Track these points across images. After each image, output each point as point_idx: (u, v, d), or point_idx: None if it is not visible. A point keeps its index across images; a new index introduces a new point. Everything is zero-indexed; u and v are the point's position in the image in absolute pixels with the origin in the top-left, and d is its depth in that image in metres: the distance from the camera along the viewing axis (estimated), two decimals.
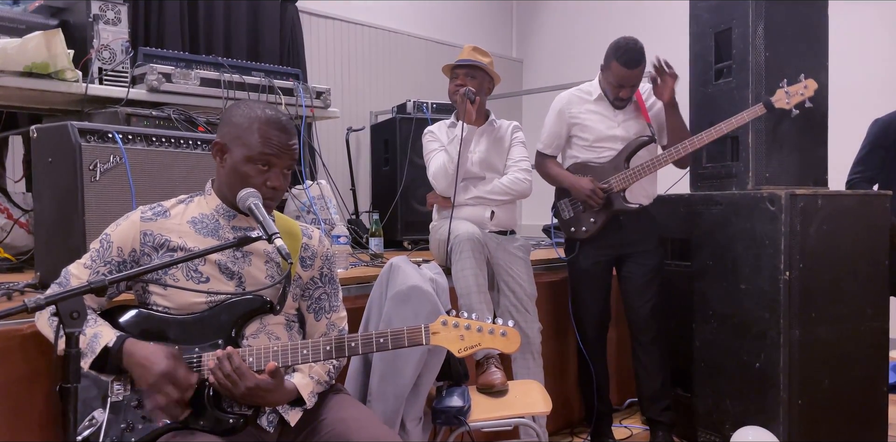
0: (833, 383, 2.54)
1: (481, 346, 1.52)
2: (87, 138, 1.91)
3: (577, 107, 2.80)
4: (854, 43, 4.21)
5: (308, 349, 1.52)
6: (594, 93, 2.79)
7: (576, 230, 2.80)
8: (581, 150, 2.81)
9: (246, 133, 1.53)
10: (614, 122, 2.76)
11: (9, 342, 1.68)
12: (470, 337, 1.52)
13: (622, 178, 2.68)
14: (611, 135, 2.75)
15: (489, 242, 2.65)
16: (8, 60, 2.27)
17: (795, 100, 2.52)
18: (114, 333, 1.47)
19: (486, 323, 1.52)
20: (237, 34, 4.13)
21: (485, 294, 2.44)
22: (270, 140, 1.52)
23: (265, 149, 1.52)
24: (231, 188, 1.56)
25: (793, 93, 2.52)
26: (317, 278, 1.70)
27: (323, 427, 1.56)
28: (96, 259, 1.55)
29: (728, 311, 2.69)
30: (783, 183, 2.68)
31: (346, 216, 3.88)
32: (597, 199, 2.67)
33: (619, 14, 5.57)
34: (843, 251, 2.56)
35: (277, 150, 1.53)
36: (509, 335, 1.52)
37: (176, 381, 1.42)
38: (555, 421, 3.07)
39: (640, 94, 2.78)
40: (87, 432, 1.44)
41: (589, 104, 2.79)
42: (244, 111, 1.57)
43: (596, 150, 2.77)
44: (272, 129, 1.53)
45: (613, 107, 2.77)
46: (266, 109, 1.57)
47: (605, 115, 2.77)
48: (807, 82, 2.52)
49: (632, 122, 2.76)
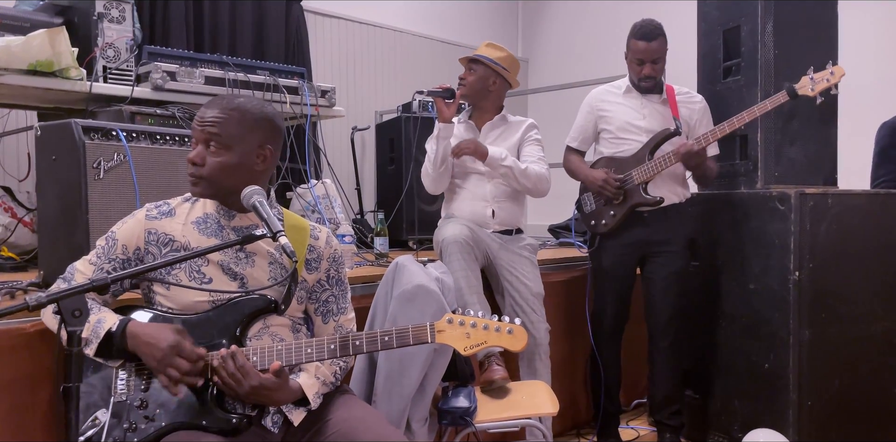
0: (843, 384, 2.51)
1: (487, 343, 1.49)
2: (90, 136, 1.90)
3: (605, 100, 2.77)
4: (864, 41, 4.17)
5: (312, 348, 1.50)
6: (623, 86, 2.77)
7: (596, 224, 2.76)
8: (607, 144, 2.77)
9: None
10: (640, 113, 2.71)
11: (12, 341, 1.67)
12: (476, 335, 1.49)
13: (643, 171, 2.61)
14: (635, 125, 2.70)
15: (491, 242, 2.62)
16: (12, 58, 2.26)
17: (821, 86, 2.40)
18: (117, 317, 1.47)
19: (492, 321, 1.50)
20: (242, 33, 4.12)
21: (478, 294, 2.42)
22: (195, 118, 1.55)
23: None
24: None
25: (818, 79, 2.40)
26: (323, 281, 1.67)
27: (328, 427, 1.54)
28: (101, 256, 1.55)
29: (737, 311, 2.66)
30: (793, 182, 2.65)
31: (351, 215, 3.86)
32: (609, 188, 2.62)
33: (626, 13, 5.52)
34: (854, 251, 2.53)
35: (196, 123, 1.54)
36: (515, 333, 1.49)
37: (184, 353, 1.41)
38: (561, 422, 3.05)
39: (673, 91, 2.72)
40: (90, 433, 1.43)
41: (618, 97, 2.77)
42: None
43: (620, 142, 2.72)
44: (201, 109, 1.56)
45: (640, 91, 2.71)
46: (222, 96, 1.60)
47: (630, 106, 2.73)
48: (833, 69, 2.40)
49: (658, 115, 2.70)
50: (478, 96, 2.70)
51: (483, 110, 2.75)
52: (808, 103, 2.52)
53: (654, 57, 2.62)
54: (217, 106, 1.54)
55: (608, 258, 2.76)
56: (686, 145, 2.49)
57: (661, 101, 2.71)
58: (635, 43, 2.62)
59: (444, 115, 2.57)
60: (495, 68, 2.67)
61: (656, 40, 2.60)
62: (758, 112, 2.48)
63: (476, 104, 2.76)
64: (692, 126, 2.71)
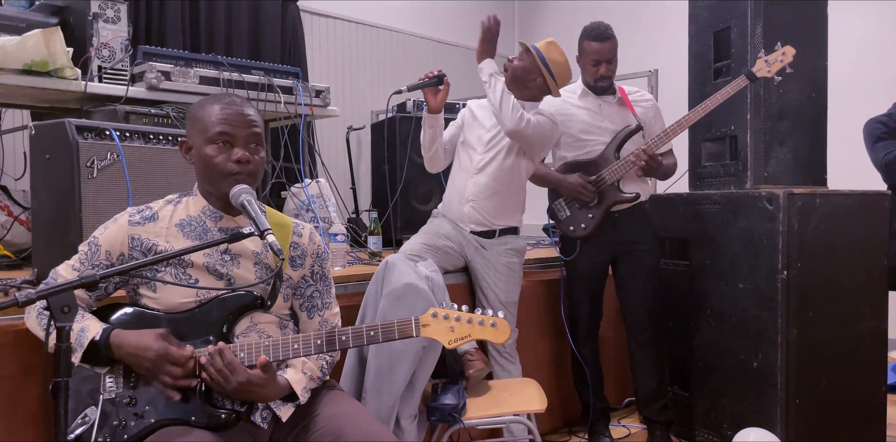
0: (831, 383, 2.54)
1: (471, 337, 1.52)
2: (84, 135, 1.92)
3: (562, 105, 2.77)
4: (854, 42, 4.20)
5: (299, 343, 1.52)
6: (578, 90, 2.80)
7: (575, 229, 2.77)
8: (569, 149, 2.79)
9: (201, 121, 1.56)
10: (600, 115, 2.76)
11: (3, 338, 1.69)
12: (460, 328, 1.52)
13: (614, 170, 2.67)
14: (597, 126, 2.74)
15: (468, 245, 2.61)
16: (7, 58, 2.28)
17: (776, 67, 2.51)
18: (100, 325, 1.47)
19: (476, 314, 1.52)
20: (238, 33, 4.14)
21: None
22: (223, 117, 1.53)
23: (219, 127, 1.53)
24: (206, 180, 1.58)
25: (772, 61, 2.51)
26: (308, 277, 1.69)
27: (316, 423, 1.57)
28: (84, 261, 1.55)
29: (726, 310, 2.68)
30: (782, 182, 2.67)
31: (346, 215, 3.88)
32: (588, 192, 2.66)
33: (620, 14, 5.54)
34: (842, 250, 2.55)
35: (232, 125, 1.53)
36: (499, 326, 1.52)
37: (172, 359, 1.43)
38: (552, 420, 3.07)
39: (625, 91, 2.78)
40: (79, 430, 1.44)
41: (574, 101, 2.80)
42: (198, 104, 1.61)
43: (583, 144, 2.76)
44: (223, 108, 1.55)
45: (596, 93, 2.76)
46: (218, 96, 1.61)
47: (589, 108, 2.77)
48: (784, 49, 2.51)
49: (616, 114, 2.75)
50: (514, 84, 2.54)
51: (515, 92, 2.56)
52: (780, 71, 2.54)
53: (608, 57, 2.68)
54: (242, 104, 1.57)
55: (582, 260, 2.79)
56: (643, 156, 2.58)
57: (616, 100, 2.77)
58: (589, 44, 2.67)
59: (431, 105, 2.50)
60: (542, 69, 2.53)
61: (609, 41, 2.66)
62: (720, 98, 2.56)
63: (512, 91, 2.51)
64: (647, 124, 2.76)
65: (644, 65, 3.93)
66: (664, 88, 3.83)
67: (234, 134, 1.54)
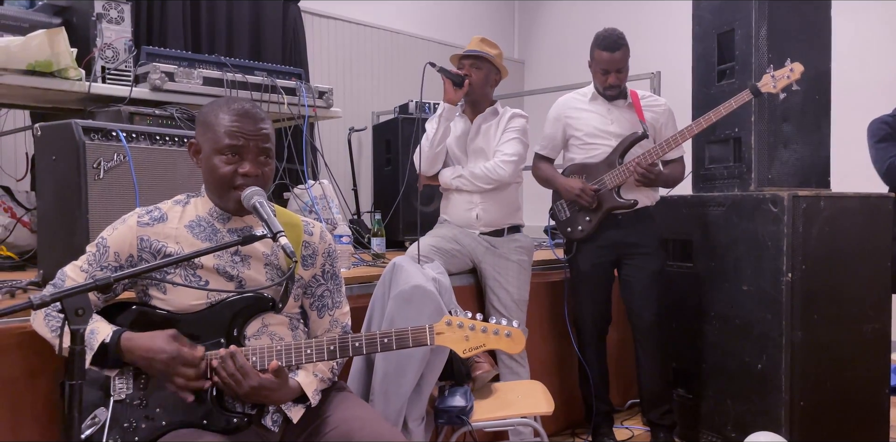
0: (835, 385, 2.54)
1: (486, 346, 1.51)
2: (90, 136, 1.91)
3: (572, 108, 2.83)
4: (858, 44, 4.22)
5: (312, 349, 1.51)
6: (588, 94, 2.82)
7: (572, 231, 2.79)
8: (577, 151, 2.82)
9: (212, 128, 1.54)
10: (608, 119, 2.77)
11: (12, 339, 1.67)
12: (475, 337, 1.51)
13: (615, 175, 2.68)
14: (604, 130, 2.75)
15: (477, 246, 2.67)
16: (11, 58, 2.27)
17: (782, 83, 2.48)
18: (110, 328, 1.46)
19: (491, 324, 1.52)
20: (239, 34, 4.13)
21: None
22: (234, 131, 1.51)
23: (230, 139, 1.51)
24: (208, 185, 1.57)
25: (779, 77, 2.49)
26: (319, 276, 1.69)
27: (326, 426, 1.56)
28: (93, 263, 1.53)
29: (730, 312, 2.68)
30: (786, 184, 2.68)
31: (348, 216, 3.87)
32: (586, 198, 2.67)
33: (622, 15, 5.57)
34: (846, 253, 2.56)
35: (243, 138, 1.52)
36: (514, 336, 1.51)
37: (185, 361, 1.42)
38: (556, 421, 3.07)
39: (638, 96, 2.78)
40: (89, 431, 1.44)
41: (584, 104, 2.82)
42: (211, 108, 1.58)
43: (590, 147, 2.77)
44: (235, 120, 1.52)
45: (606, 99, 2.77)
46: (232, 102, 1.57)
47: (598, 112, 2.78)
48: (793, 66, 2.48)
49: (625, 119, 2.76)
50: (481, 92, 2.71)
51: (478, 103, 2.75)
52: (786, 88, 2.54)
53: (618, 67, 2.69)
54: (257, 118, 1.54)
55: (585, 261, 2.79)
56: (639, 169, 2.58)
57: (626, 105, 2.77)
58: (599, 53, 2.68)
59: (451, 96, 2.61)
60: (497, 66, 2.71)
61: (619, 51, 2.66)
62: (723, 111, 2.54)
63: (476, 99, 2.74)
64: (658, 129, 2.76)
65: (647, 67, 3.93)
66: (667, 91, 3.82)
67: (244, 147, 1.52)
